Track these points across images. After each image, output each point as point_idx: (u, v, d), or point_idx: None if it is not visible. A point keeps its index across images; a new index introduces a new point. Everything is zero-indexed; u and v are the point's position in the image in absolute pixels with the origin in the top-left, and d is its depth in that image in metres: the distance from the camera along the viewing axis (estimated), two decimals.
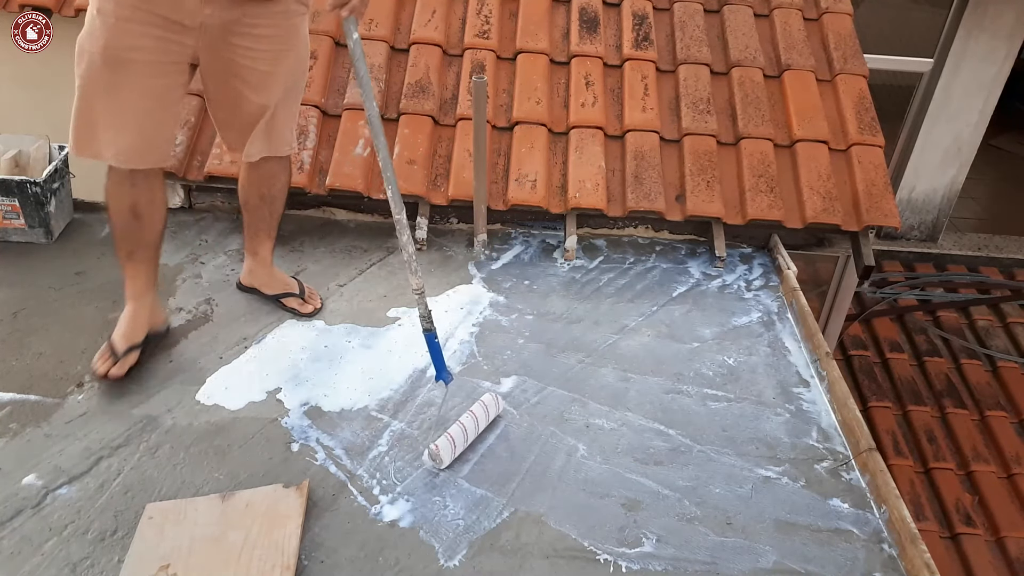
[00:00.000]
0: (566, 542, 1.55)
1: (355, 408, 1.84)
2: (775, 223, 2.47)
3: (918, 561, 1.51)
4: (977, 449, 3.47)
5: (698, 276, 2.43)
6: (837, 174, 2.57)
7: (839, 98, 2.74)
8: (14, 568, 1.42)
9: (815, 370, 2.07)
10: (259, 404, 1.83)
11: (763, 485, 1.71)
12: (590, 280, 2.38)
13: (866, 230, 2.51)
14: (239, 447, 1.71)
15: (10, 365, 1.87)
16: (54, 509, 1.54)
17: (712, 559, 1.54)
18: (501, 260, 2.44)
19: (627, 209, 2.45)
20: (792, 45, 2.85)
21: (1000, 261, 4.67)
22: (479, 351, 2.06)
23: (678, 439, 1.82)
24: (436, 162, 2.54)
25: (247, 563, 1.43)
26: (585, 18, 2.87)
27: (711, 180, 2.51)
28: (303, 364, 1.96)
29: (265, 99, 1.78)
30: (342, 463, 1.69)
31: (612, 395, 1.94)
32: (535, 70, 2.71)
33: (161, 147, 1.74)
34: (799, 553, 1.56)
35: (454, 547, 1.52)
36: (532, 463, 1.73)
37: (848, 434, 1.85)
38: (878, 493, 1.68)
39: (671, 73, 2.79)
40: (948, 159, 4.52)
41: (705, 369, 2.05)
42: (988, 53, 4.15)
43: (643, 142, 2.57)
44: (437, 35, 2.76)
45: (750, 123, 2.62)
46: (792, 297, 2.30)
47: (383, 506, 1.60)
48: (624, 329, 2.18)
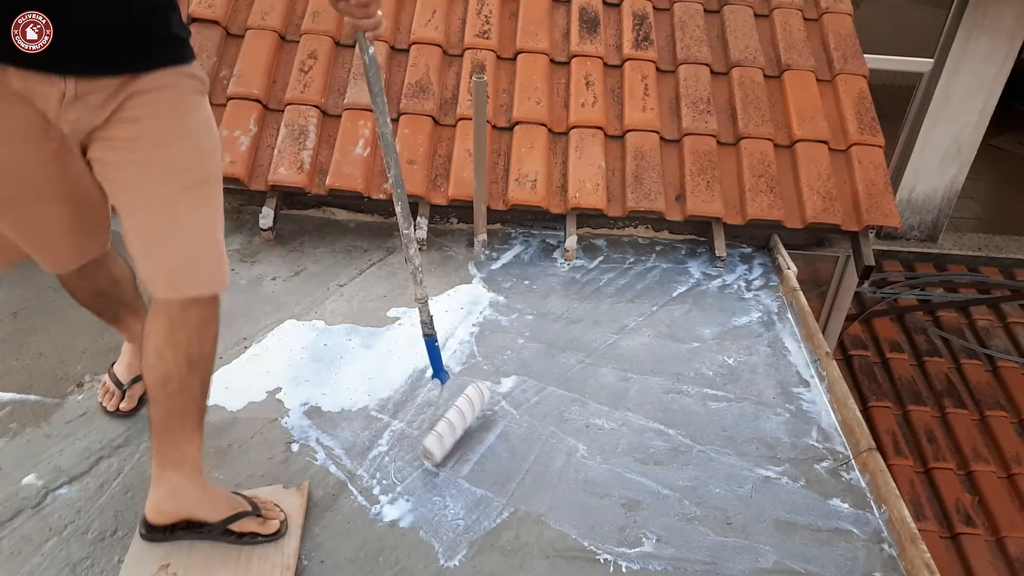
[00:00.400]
0: (566, 542, 1.55)
1: (355, 408, 1.84)
2: (775, 223, 2.47)
3: (918, 561, 1.51)
4: (977, 449, 3.47)
5: (698, 276, 2.43)
6: (837, 174, 2.57)
7: (839, 98, 2.74)
8: (14, 568, 1.42)
9: (815, 370, 2.07)
10: (259, 404, 1.83)
11: (763, 485, 1.71)
12: (590, 280, 2.38)
13: (866, 230, 2.51)
14: (239, 447, 1.71)
15: (10, 365, 1.87)
16: (54, 509, 1.54)
17: (712, 559, 1.54)
18: (501, 260, 2.44)
19: (627, 209, 2.45)
20: (792, 45, 2.85)
21: (1000, 261, 4.67)
22: (479, 351, 2.06)
23: (678, 439, 1.82)
24: (436, 162, 2.54)
25: (247, 563, 1.43)
26: (585, 18, 2.87)
27: (711, 180, 2.51)
28: (303, 364, 1.96)
29: (148, 202, 1.27)
30: (342, 463, 1.69)
31: (612, 395, 1.94)
32: (535, 70, 2.71)
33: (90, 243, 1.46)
34: (799, 553, 1.56)
35: (454, 547, 1.52)
36: (532, 463, 1.73)
37: (848, 434, 1.85)
38: (878, 493, 1.68)
39: (671, 73, 2.79)
40: (948, 159, 4.52)
41: (705, 369, 2.05)
42: (988, 53, 4.15)
43: (643, 142, 2.57)
44: (437, 35, 2.76)
45: (750, 123, 2.62)
46: (792, 297, 2.30)
47: (383, 506, 1.60)
48: (624, 329, 2.18)
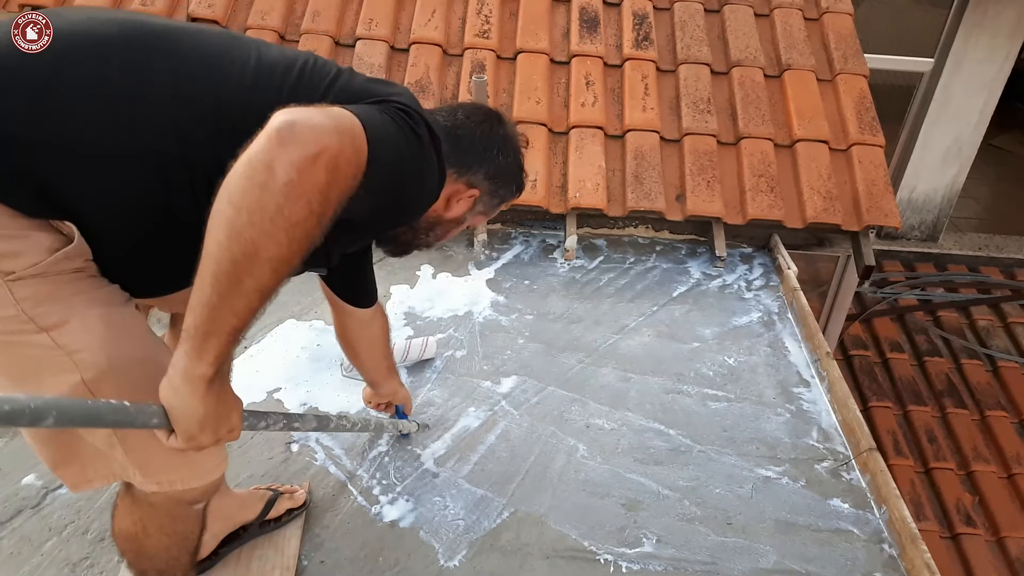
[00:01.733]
0: (566, 542, 1.55)
1: (355, 408, 1.84)
2: (775, 223, 2.47)
3: (918, 561, 1.50)
4: (977, 449, 3.47)
5: (698, 276, 2.43)
6: (837, 174, 2.57)
7: (839, 98, 2.74)
8: (14, 568, 1.41)
9: (815, 370, 2.06)
10: (259, 404, 1.83)
11: (763, 485, 1.71)
12: (590, 280, 2.37)
13: (866, 230, 2.51)
14: (239, 447, 1.71)
15: None
16: (54, 509, 1.54)
17: (712, 559, 1.54)
18: (501, 260, 2.44)
19: (627, 209, 2.45)
20: (792, 45, 2.85)
21: (1000, 261, 4.66)
22: (479, 351, 2.06)
23: (678, 439, 1.82)
24: None
25: (247, 564, 1.43)
26: (585, 18, 2.86)
27: (711, 180, 2.50)
28: (302, 364, 1.96)
29: None
30: (342, 463, 1.69)
31: (612, 395, 1.94)
32: (535, 70, 2.71)
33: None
34: (799, 553, 1.56)
35: (454, 547, 1.52)
36: (532, 463, 1.73)
37: (848, 434, 1.85)
38: (878, 493, 1.68)
39: (671, 73, 2.79)
40: (948, 159, 4.52)
41: (705, 369, 2.05)
42: (988, 53, 4.15)
43: (643, 142, 2.57)
44: (437, 35, 2.75)
45: (750, 123, 2.62)
46: (792, 297, 2.30)
47: (383, 506, 1.60)
48: (624, 329, 2.18)
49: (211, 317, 0.78)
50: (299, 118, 0.74)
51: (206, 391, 0.83)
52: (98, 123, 0.86)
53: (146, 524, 1.11)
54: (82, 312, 0.90)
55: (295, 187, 0.73)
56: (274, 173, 0.72)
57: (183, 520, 1.15)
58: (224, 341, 0.81)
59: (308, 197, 0.74)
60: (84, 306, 0.91)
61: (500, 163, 1.22)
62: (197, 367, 0.80)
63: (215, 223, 0.74)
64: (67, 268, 0.89)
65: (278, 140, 0.72)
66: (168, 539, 1.15)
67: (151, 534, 1.12)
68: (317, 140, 0.74)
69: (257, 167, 0.72)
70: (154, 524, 1.12)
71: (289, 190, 0.73)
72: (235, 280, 0.76)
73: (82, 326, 0.90)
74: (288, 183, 0.72)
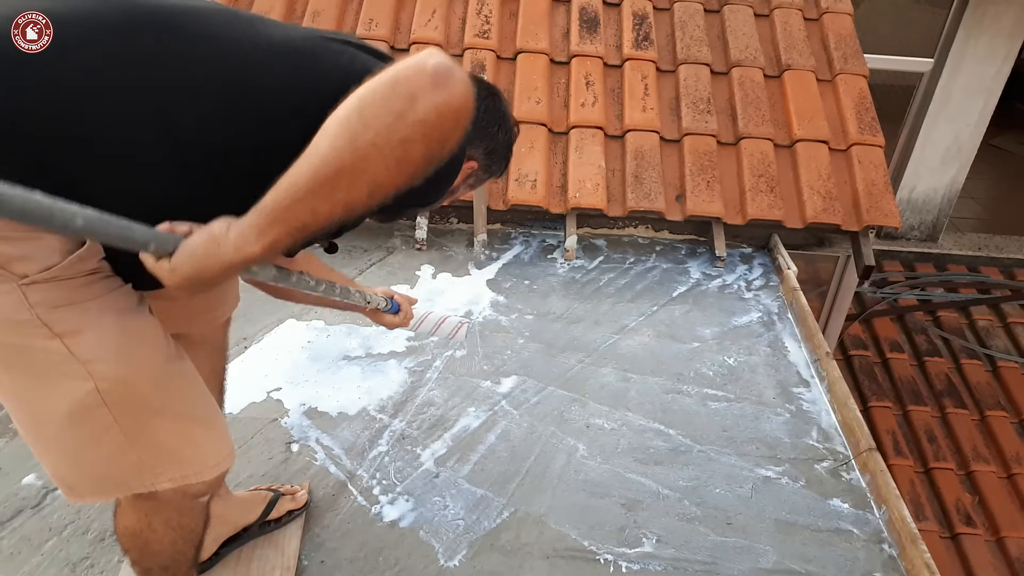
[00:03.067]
0: (566, 542, 1.55)
1: (355, 408, 1.84)
2: (775, 223, 2.47)
3: (918, 561, 1.50)
4: (977, 449, 3.47)
5: (698, 276, 2.43)
6: (837, 174, 2.57)
7: (839, 98, 2.74)
8: (14, 568, 1.41)
9: (815, 370, 2.07)
10: (259, 404, 1.83)
11: (763, 485, 1.71)
12: (590, 280, 2.37)
13: (866, 230, 2.51)
14: (239, 447, 1.71)
15: None
16: (54, 509, 1.54)
17: (712, 559, 1.54)
18: (501, 260, 2.44)
19: (627, 209, 2.45)
20: (792, 45, 2.85)
21: (1000, 261, 4.66)
22: (479, 351, 2.06)
23: (678, 439, 1.82)
24: None
25: (247, 564, 1.43)
26: (585, 18, 2.86)
27: (711, 180, 2.51)
28: (303, 364, 1.96)
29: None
30: (342, 463, 1.69)
31: (612, 395, 1.94)
32: (535, 70, 2.71)
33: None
34: (799, 553, 1.56)
35: (454, 547, 1.52)
36: (532, 463, 1.73)
37: (848, 434, 1.85)
38: (878, 493, 1.68)
39: (671, 73, 2.79)
40: (948, 159, 4.52)
41: (705, 369, 2.05)
42: (988, 53, 4.15)
43: (643, 142, 2.57)
44: (437, 35, 2.75)
45: (750, 123, 2.62)
46: (792, 297, 2.30)
47: (383, 506, 1.60)
48: (624, 329, 2.18)
49: (289, 205, 0.75)
50: (455, 67, 0.73)
51: (233, 265, 0.78)
52: (110, 117, 0.84)
53: (151, 520, 1.11)
54: (97, 319, 0.89)
55: (427, 129, 0.72)
56: (415, 107, 0.71)
57: (189, 514, 1.15)
58: (286, 232, 0.77)
59: (429, 142, 0.74)
60: (99, 313, 0.90)
61: (499, 139, 1.22)
62: (248, 243, 0.77)
63: (337, 127, 0.73)
64: (81, 271, 0.88)
65: (432, 79, 0.71)
66: (174, 533, 1.14)
67: (156, 529, 1.12)
68: (464, 95, 0.73)
69: (402, 95, 0.71)
70: (160, 519, 1.11)
71: (422, 129, 0.72)
72: (332, 185, 0.74)
73: (97, 335, 0.89)
74: (423, 122, 0.72)
